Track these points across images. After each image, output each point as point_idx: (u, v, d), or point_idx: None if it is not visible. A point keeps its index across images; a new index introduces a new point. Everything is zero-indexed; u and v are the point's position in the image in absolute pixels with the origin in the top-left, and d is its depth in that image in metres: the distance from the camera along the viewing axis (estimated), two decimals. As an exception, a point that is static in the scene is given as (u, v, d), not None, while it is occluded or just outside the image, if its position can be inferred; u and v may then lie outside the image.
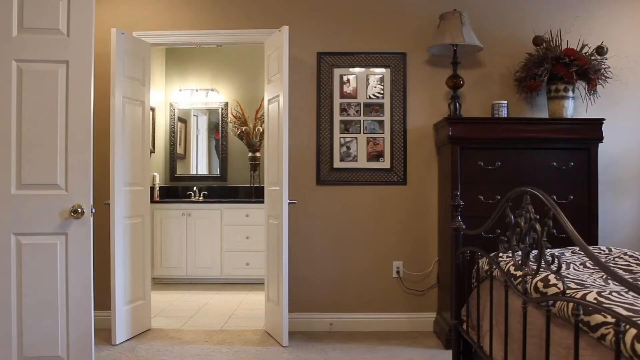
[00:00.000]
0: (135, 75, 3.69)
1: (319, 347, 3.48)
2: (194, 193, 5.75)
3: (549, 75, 3.56)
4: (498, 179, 3.44)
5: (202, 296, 4.90)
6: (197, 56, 5.86)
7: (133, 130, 3.66)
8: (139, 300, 3.72)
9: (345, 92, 3.82)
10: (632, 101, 3.85)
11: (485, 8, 3.84)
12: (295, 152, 3.80)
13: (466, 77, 3.78)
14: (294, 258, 3.79)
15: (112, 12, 3.85)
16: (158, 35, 3.86)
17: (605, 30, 3.81)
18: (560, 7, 3.83)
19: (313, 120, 3.82)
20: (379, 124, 3.82)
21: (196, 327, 3.92)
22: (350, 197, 3.82)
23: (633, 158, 3.86)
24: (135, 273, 3.67)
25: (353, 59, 3.82)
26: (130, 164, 3.63)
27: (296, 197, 3.76)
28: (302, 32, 3.82)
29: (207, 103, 5.93)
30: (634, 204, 3.87)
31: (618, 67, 3.73)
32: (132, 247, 3.63)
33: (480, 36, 3.75)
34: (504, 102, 3.66)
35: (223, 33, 3.85)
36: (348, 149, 3.81)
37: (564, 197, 3.45)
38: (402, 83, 3.82)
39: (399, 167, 3.81)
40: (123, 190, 3.56)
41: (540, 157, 3.48)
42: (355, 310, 3.82)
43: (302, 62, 3.83)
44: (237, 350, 3.39)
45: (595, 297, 1.56)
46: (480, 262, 2.58)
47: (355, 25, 3.84)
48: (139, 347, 3.44)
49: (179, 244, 5.30)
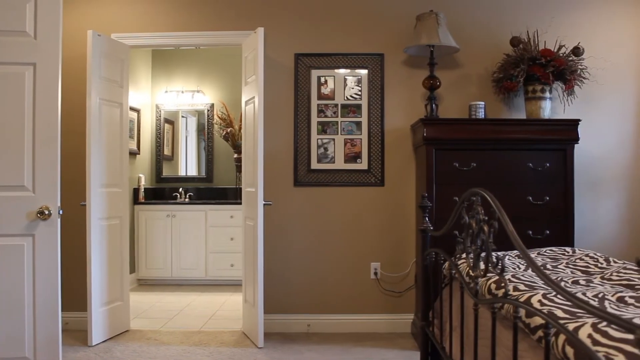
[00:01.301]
0: (113, 77, 3.70)
1: (294, 348, 3.48)
2: (180, 194, 5.76)
3: (526, 76, 3.56)
4: (473, 180, 3.43)
5: (185, 297, 4.91)
6: (183, 58, 5.88)
7: (110, 131, 3.67)
8: (117, 301, 3.72)
9: (323, 93, 3.82)
10: (610, 102, 3.84)
11: (463, 9, 3.84)
12: (272, 154, 3.81)
13: (444, 78, 3.79)
14: (271, 259, 3.80)
15: (91, 15, 3.87)
16: (137, 37, 3.87)
17: (582, 31, 3.81)
18: (537, 8, 3.83)
19: (290, 121, 3.83)
20: (356, 125, 3.82)
21: (175, 328, 3.93)
22: (328, 199, 3.82)
23: (611, 158, 3.85)
24: (113, 274, 3.68)
25: (331, 60, 3.83)
26: (108, 166, 3.64)
27: (274, 199, 3.77)
28: (279, 33, 3.83)
29: (193, 104, 5.94)
30: (613, 204, 3.86)
31: (595, 68, 3.73)
32: (109, 249, 3.64)
33: (458, 37, 3.75)
34: (481, 103, 3.66)
35: (201, 35, 3.87)
36: (325, 150, 3.81)
37: (540, 198, 3.45)
38: (380, 84, 3.82)
39: (377, 168, 3.81)
40: (100, 192, 3.57)
41: (516, 158, 3.48)
42: (333, 311, 3.82)
43: (279, 64, 3.83)
44: (211, 352, 3.39)
45: (540, 300, 1.56)
46: (447, 263, 2.57)
47: (333, 26, 3.85)
48: (114, 348, 3.45)
49: (164, 245, 5.30)
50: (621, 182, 3.86)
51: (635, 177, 3.86)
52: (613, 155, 3.85)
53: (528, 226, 3.45)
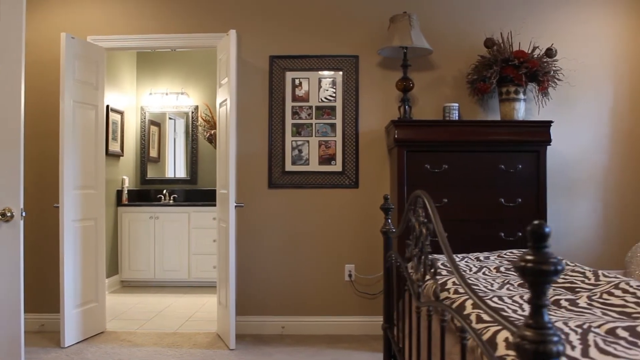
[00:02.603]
0: (88, 80, 3.71)
1: (266, 350, 3.47)
2: (164, 196, 5.76)
3: (500, 77, 3.55)
4: (445, 182, 3.43)
5: (166, 299, 4.92)
6: (168, 60, 5.89)
7: (85, 133, 3.68)
8: (92, 303, 3.73)
9: (298, 95, 3.83)
10: (586, 103, 3.83)
11: (437, 11, 3.83)
12: (247, 156, 3.81)
13: (419, 80, 3.78)
14: (246, 261, 3.80)
15: (67, 17, 3.88)
16: (113, 40, 3.88)
17: (556, 32, 3.80)
18: (511, 9, 3.82)
19: (265, 123, 3.83)
20: (331, 127, 3.82)
21: (151, 329, 3.93)
22: (302, 201, 3.82)
23: (587, 160, 3.84)
24: (87, 276, 3.69)
25: (305, 62, 3.83)
26: (82, 167, 3.65)
27: (248, 201, 3.77)
28: (254, 36, 3.84)
29: (178, 107, 5.95)
30: (589, 206, 3.84)
31: (569, 69, 3.72)
32: (83, 250, 3.65)
33: (433, 39, 3.75)
34: (455, 105, 3.66)
35: (177, 37, 3.87)
36: (300, 152, 3.81)
37: (512, 200, 3.44)
38: (355, 86, 3.82)
39: (351, 170, 3.81)
40: (74, 194, 3.58)
41: (488, 160, 3.47)
42: (308, 313, 3.81)
43: (254, 66, 3.84)
44: (182, 353, 3.39)
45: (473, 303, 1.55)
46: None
47: (308, 28, 3.85)
48: (87, 349, 3.46)
49: (147, 247, 5.31)
50: (597, 183, 3.84)
51: (610, 178, 3.84)
52: (589, 157, 3.84)
53: (500, 228, 3.44)
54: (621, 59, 3.83)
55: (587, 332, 1.22)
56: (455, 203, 3.43)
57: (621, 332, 1.23)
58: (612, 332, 1.23)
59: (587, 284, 1.74)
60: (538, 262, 0.81)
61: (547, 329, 0.82)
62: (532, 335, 0.82)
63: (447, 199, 3.41)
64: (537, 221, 0.85)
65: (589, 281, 1.76)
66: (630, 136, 3.83)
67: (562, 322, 1.29)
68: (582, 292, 1.66)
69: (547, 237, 0.84)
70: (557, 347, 0.80)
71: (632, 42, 3.83)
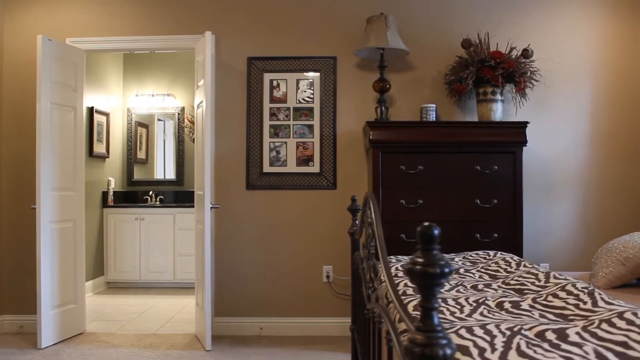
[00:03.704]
0: (66, 81, 3.72)
1: (242, 351, 3.48)
2: (151, 197, 5.78)
3: (477, 78, 3.55)
4: (420, 183, 3.43)
5: (150, 300, 4.92)
6: (154, 61, 5.90)
7: (63, 135, 3.69)
8: (70, 304, 3.74)
9: (275, 96, 3.83)
10: (563, 104, 3.82)
11: (415, 12, 3.83)
12: (225, 157, 3.82)
13: (397, 81, 3.79)
14: (224, 262, 3.81)
15: (46, 19, 3.89)
16: (93, 42, 3.90)
17: (533, 33, 3.80)
18: (488, 10, 3.82)
19: (243, 125, 3.83)
20: (308, 128, 3.82)
21: (130, 331, 3.94)
22: (280, 202, 3.83)
23: (566, 161, 3.83)
24: (65, 277, 3.70)
25: (283, 64, 3.83)
26: (60, 169, 3.66)
27: (226, 202, 3.78)
28: (232, 37, 3.84)
29: (164, 108, 5.96)
30: (568, 206, 3.84)
31: (547, 70, 3.72)
32: (61, 252, 3.66)
33: (411, 40, 3.75)
34: (432, 106, 3.66)
35: (156, 39, 3.88)
36: (277, 153, 3.81)
37: (488, 201, 3.43)
38: (333, 87, 3.82)
39: (329, 171, 3.81)
40: (51, 195, 3.59)
41: (464, 161, 3.46)
42: (286, 314, 3.81)
43: (232, 67, 3.84)
44: (159, 354, 3.40)
45: (415, 305, 1.55)
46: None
47: (286, 30, 3.86)
48: (64, 350, 3.46)
49: (132, 248, 5.32)
50: (576, 184, 3.84)
51: (589, 179, 3.83)
52: (568, 158, 3.83)
53: (476, 229, 3.44)
54: (600, 59, 3.82)
55: (515, 334, 1.22)
56: (431, 204, 3.42)
57: (550, 334, 1.23)
58: (541, 334, 1.23)
59: (536, 285, 1.74)
60: (425, 265, 0.81)
61: (435, 332, 0.82)
62: (420, 338, 0.81)
63: (423, 200, 3.41)
64: (427, 223, 0.84)
65: (539, 283, 1.76)
66: (609, 136, 3.83)
67: (494, 325, 1.29)
68: (529, 294, 1.65)
69: (436, 239, 0.84)
70: (444, 350, 0.80)
71: (611, 43, 3.83)
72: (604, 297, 1.48)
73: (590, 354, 1.09)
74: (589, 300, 1.47)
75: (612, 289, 2.35)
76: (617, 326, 1.24)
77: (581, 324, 1.31)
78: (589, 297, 1.49)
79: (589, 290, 1.56)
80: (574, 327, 1.26)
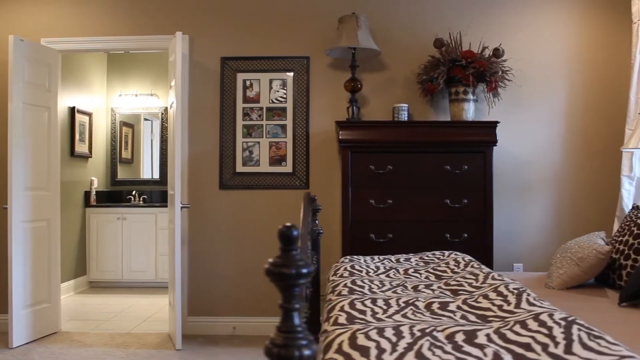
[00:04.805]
0: (39, 82, 3.73)
1: (212, 351, 3.48)
2: (134, 197, 5.79)
3: (448, 78, 3.54)
4: (390, 183, 3.42)
5: (130, 299, 4.94)
6: (138, 62, 5.91)
7: (36, 135, 3.71)
8: (44, 303, 3.75)
9: (248, 96, 3.83)
10: (537, 103, 3.81)
11: (388, 12, 3.83)
12: (198, 157, 3.82)
13: (370, 80, 3.78)
14: (199, 262, 3.81)
15: (20, 20, 3.91)
16: (67, 42, 3.91)
17: (506, 33, 3.79)
18: (459, 10, 3.81)
19: (216, 125, 3.84)
20: (281, 128, 3.82)
21: (105, 330, 3.95)
22: (253, 202, 3.83)
23: (539, 161, 3.82)
24: (39, 276, 3.71)
25: (257, 64, 3.83)
26: (33, 169, 3.68)
27: (199, 202, 3.79)
28: (206, 37, 3.85)
29: (148, 108, 5.98)
30: (541, 207, 3.82)
31: (519, 70, 3.71)
32: (34, 251, 3.67)
33: (384, 39, 3.74)
34: (404, 105, 3.65)
35: (131, 39, 3.89)
36: (251, 153, 3.82)
37: (458, 201, 3.42)
38: (306, 87, 3.82)
39: (302, 171, 3.81)
40: (24, 195, 3.60)
41: (434, 161, 3.45)
42: (259, 314, 3.82)
43: (206, 68, 3.85)
44: (129, 354, 3.41)
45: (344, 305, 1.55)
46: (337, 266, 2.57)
47: (259, 30, 3.86)
48: (35, 350, 3.48)
49: (115, 248, 5.34)
50: (550, 184, 3.82)
51: (563, 179, 3.82)
52: (542, 158, 3.82)
53: (446, 229, 3.43)
54: (574, 58, 3.81)
55: (424, 336, 1.22)
56: (400, 204, 3.42)
57: (460, 336, 1.22)
58: (451, 336, 1.23)
59: (473, 286, 1.73)
60: (281, 266, 0.81)
61: (294, 332, 0.82)
62: (278, 339, 0.82)
63: (392, 200, 3.40)
64: (288, 224, 0.84)
65: (476, 284, 1.75)
66: (583, 136, 3.81)
67: (408, 327, 1.29)
68: (463, 295, 1.65)
69: (296, 239, 0.84)
70: (302, 352, 0.80)
71: (585, 43, 3.81)
72: (530, 298, 1.48)
73: (488, 356, 1.09)
74: (514, 301, 1.46)
75: (567, 289, 2.34)
76: (529, 327, 1.24)
77: (496, 325, 1.30)
78: (516, 299, 1.48)
79: (518, 291, 1.55)
80: (487, 329, 1.26)
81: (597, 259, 2.27)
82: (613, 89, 3.78)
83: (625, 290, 2.02)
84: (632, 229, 2.35)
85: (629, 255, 2.28)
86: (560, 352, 1.09)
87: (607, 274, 2.40)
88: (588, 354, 1.07)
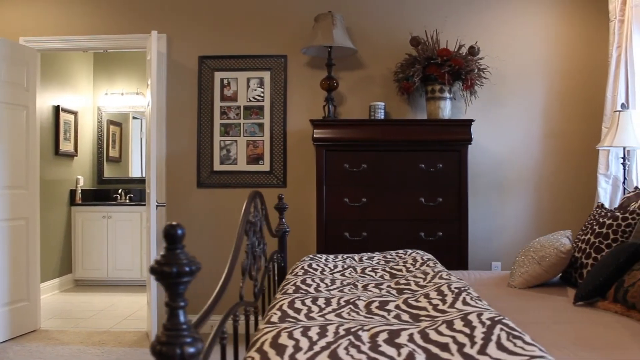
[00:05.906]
0: (17, 81, 3.74)
1: (188, 349, 3.49)
2: (120, 196, 5.80)
3: (425, 76, 3.53)
4: (363, 181, 3.42)
5: (113, 297, 4.95)
6: (124, 61, 5.92)
7: (14, 134, 3.72)
8: (22, 301, 3.77)
9: (226, 95, 3.83)
10: (516, 102, 3.80)
11: (364, 10, 3.82)
12: (176, 156, 3.83)
13: (347, 79, 3.78)
14: (174, 260, 3.82)
15: (0, 19, 3.92)
16: (47, 41, 3.91)
17: (482, 32, 3.79)
18: (436, 8, 3.80)
19: (194, 123, 3.84)
20: (259, 126, 3.82)
21: (84, 328, 3.96)
22: (230, 200, 3.83)
23: (517, 159, 3.81)
24: (16, 275, 3.72)
25: (234, 62, 3.84)
26: (10, 168, 3.69)
27: (177, 200, 3.79)
28: (184, 36, 3.85)
29: (134, 107, 5.98)
30: (519, 205, 3.82)
31: (497, 68, 3.70)
32: (12, 250, 3.68)
33: (361, 38, 3.74)
34: (380, 104, 3.64)
35: (110, 38, 3.90)
36: (228, 152, 3.82)
37: (433, 200, 3.42)
38: (283, 85, 3.82)
39: (279, 169, 3.81)
40: (1, 194, 3.61)
41: (408, 159, 3.45)
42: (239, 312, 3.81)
43: (183, 66, 3.85)
44: (104, 352, 3.42)
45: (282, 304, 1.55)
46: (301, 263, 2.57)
47: (237, 29, 3.86)
48: (10, 348, 3.49)
49: (100, 246, 5.35)
50: (529, 182, 3.82)
51: (543, 177, 3.81)
52: (520, 156, 3.81)
53: (421, 228, 3.42)
54: (552, 57, 3.79)
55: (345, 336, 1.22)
56: (375, 202, 3.41)
57: (383, 335, 1.22)
58: (374, 336, 1.23)
59: (418, 285, 1.73)
60: (163, 264, 0.81)
61: (178, 330, 0.82)
62: (163, 337, 0.82)
63: (366, 199, 3.40)
64: (173, 222, 0.85)
65: (422, 283, 1.75)
66: (561, 135, 3.80)
67: (335, 326, 1.29)
68: (405, 295, 1.64)
69: (180, 238, 0.84)
70: (184, 350, 0.80)
71: (563, 42, 3.80)
72: (467, 298, 1.48)
73: (401, 356, 1.09)
74: (450, 301, 1.46)
75: (529, 288, 2.34)
76: (453, 327, 1.24)
77: (424, 325, 1.30)
78: (453, 298, 1.48)
79: (459, 290, 1.55)
80: (413, 329, 1.26)
81: (558, 258, 2.26)
82: (591, 87, 3.77)
83: (580, 289, 2.02)
84: (594, 228, 2.34)
85: (590, 254, 2.27)
86: (474, 352, 1.09)
87: (570, 272, 2.40)
88: (500, 354, 1.07)
